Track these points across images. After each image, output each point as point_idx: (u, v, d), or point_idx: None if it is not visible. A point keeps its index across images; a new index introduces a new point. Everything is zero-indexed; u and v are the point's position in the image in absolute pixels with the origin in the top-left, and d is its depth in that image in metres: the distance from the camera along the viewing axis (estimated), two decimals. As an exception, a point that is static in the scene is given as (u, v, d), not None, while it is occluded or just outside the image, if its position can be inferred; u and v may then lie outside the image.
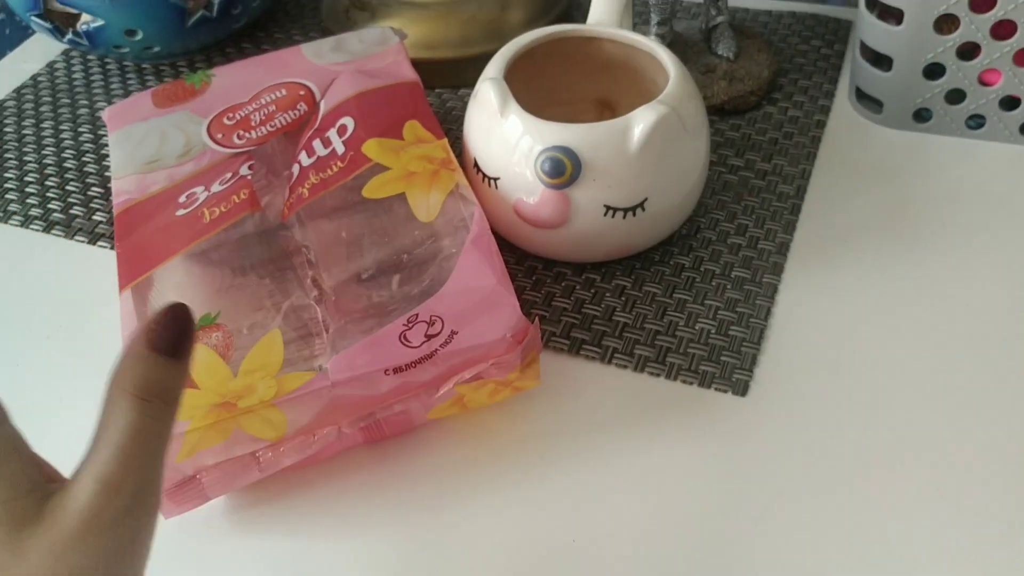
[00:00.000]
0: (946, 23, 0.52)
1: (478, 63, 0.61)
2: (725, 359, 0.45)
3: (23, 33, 0.98)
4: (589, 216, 0.45)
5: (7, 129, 0.63)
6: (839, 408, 0.43)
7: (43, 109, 0.65)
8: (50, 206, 0.57)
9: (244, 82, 0.54)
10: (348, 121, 0.49)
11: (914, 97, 0.55)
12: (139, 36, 0.62)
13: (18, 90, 0.67)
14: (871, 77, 0.56)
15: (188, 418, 0.37)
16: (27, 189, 0.58)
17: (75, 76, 0.68)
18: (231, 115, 0.52)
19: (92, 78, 0.67)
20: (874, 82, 0.57)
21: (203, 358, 0.39)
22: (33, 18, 0.62)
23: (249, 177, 0.47)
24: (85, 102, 0.65)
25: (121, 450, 0.27)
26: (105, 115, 0.54)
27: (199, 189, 0.47)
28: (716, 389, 0.44)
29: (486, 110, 0.46)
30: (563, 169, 0.43)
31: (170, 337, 0.28)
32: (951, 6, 0.51)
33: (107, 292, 0.50)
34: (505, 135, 0.45)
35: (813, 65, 0.62)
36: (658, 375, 0.45)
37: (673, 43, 0.60)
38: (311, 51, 0.56)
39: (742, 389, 0.44)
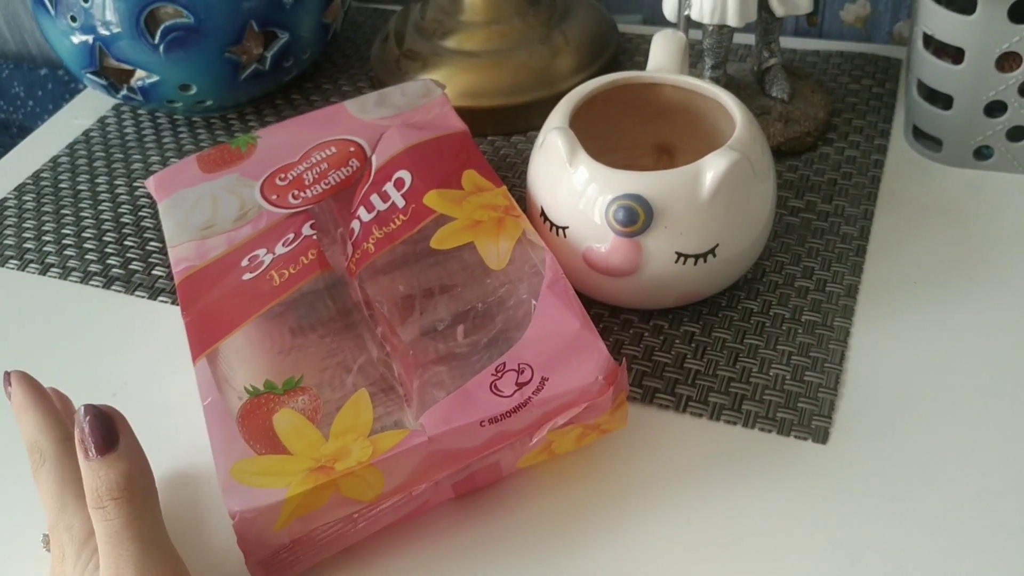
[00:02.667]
0: (1008, 61, 0.52)
1: (530, 110, 0.62)
2: (802, 405, 0.44)
3: (65, 87, 0.99)
4: (660, 263, 0.44)
5: (62, 185, 0.64)
6: (925, 454, 0.42)
7: (97, 164, 0.65)
8: (109, 262, 0.57)
9: (291, 142, 0.54)
10: (404, 174, 0.49)
11: (975, 135, 0.55)
12: (193, 91, 0.62)
13: (71, 146, 0.67)
14: (929, 115, 0.56)
15: (285, 485, 0.36)
16: (85, 245, 0.58)
17: (127, 131, 0.68)
18: (283, 175, 0.52)
19: (144, 132, 0.68)
20: (933, 120, 0.56)
21: (292, 423, 0.39)
22: (88, 75, 0.63)
23: (314, 237, 0.47)
24: (139, 156, 0.65)
25: (104, 555, 0.33)
26: (149, 184, 0.54)
27: (261, 252, 0.47)
28: (796, 437, 0.43)
29: (553, 160, 0.46)
30: (636, 217, 0.43)
31: (95, 438, 0.35)
32: (1013, 44, 0.51)
33: (171, 348, 0.50)
34: (574, 184, 0.45)
35: (866, 104, 0.62)
36: (735, 423, 0.44)
37: (726, 86, 0.60)
38: (355, 107, 0.56)
39: (822, 436, 0.43)
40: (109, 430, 0.35)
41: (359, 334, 0.43)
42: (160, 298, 0.54)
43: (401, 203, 0.47)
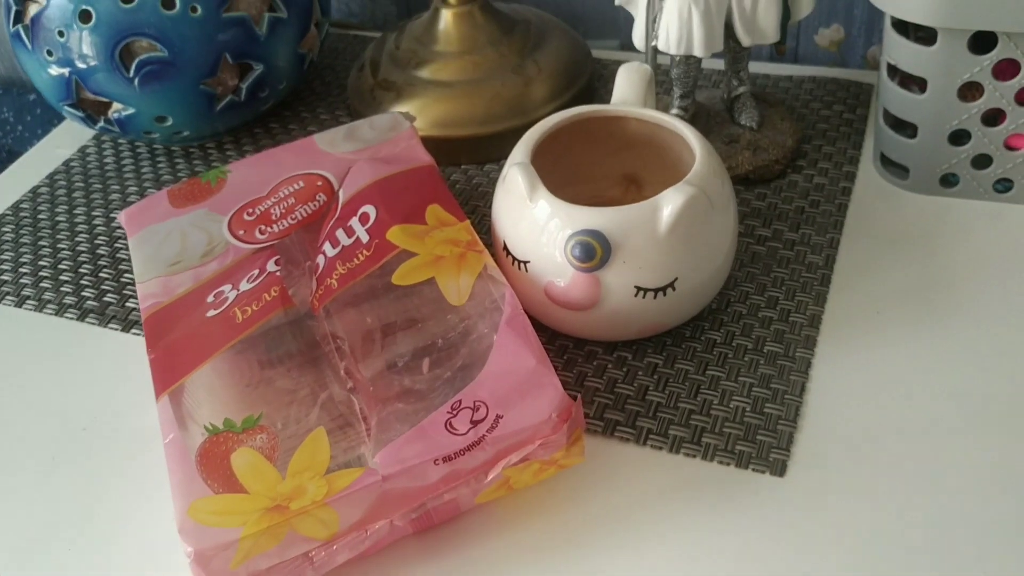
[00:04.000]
0: (970, 91, 0.52)
1: (503, 139, 0.63)
2: (761, 438, 0.45)
3: (53, 113, 1.00)
4: (620, 297, 0.45)
5: (41, 216, 0.64)
6: (882, 487, 0.42)
7: (76, 195, 0.66)
8: (84, 294, 0.57)
9: (260, 176, 0.55)
10: (369, 209, 0.49)
11: (940, 163, 0.55)
12: (169, 122, 0.63)
13: (51, 176, 0.68)
14: (896, 144, 0.57)
15: (240, 524, 0.37)
16: (61, 277, 0.59)
17: (107, 161, 0.69)
18: (251, 210, 0.52)
19: (123, 162, 0.68)
20: (899, 148, 0.57)
21: (250, 461, 0.39)
22: (66, 107, 0.63)
23: (278, 273, 0.47)
24: (117, 187, 0.66)
25: None
26: (122, 218, 0.55)
27: (226, 288, 0.47)
28: (753, 470, 0.43)
29: (515, 195, 0.46)
30: (593, 253, 0.43)
31: None
32: (975, 74, 0.51)
33: (143, 382, 0.50)
34: (534, 219, 0.45)
35: (836, 131, 0.63)
36: (694, 456, 0.44)
37: (696, 114, 0.60)
38: (324, 141, 0.57)
39: (780, 469, 0.43)
40: None
41: (322, 369, 0.44)
42: (133, 330, 0.55)
43: (365, 238, 0.48)
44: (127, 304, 0.56)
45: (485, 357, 0.42)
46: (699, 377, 0.48)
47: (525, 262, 0.46)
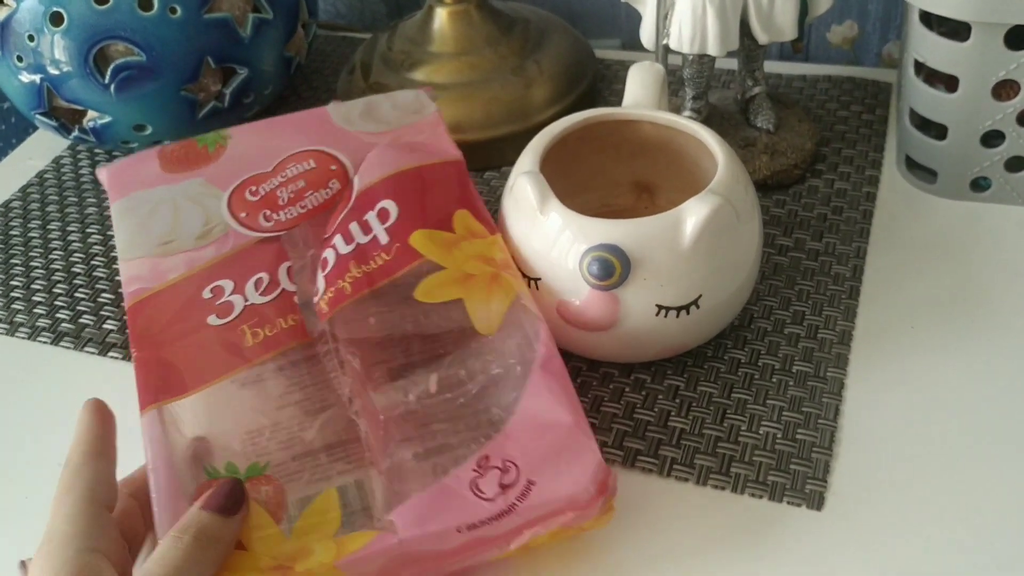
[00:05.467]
0: (1004, 89, 0.49)
1: (503, 144, 0.59)
2: (795, 467, 0.41)
3: (29, 123, 0.96)
4: (640, 317, 0.41)
5: (13, 232, 0.60)
6: (930, 520, 0.39)
7: (50, 209, 0.62)
8: (59, 315, 0.54)
9: (265, 147, 0.48)
10: (390, 205, 0.44)
11: (971, 166, 0.52)
12: (148, 131, 0.59)
13: (24, 189, 0.64)
14: (923, 145, 0.53)
15: None
16: (34, 298, 0.55)
17: (83, 172, 0.65)
18: (254, 188, 0.46)
19: (100, 173, 0.65)
20: (926, 151, 0.53)
21: (251, 516, 0.35)
22: (38, 116, 0.60)
23: (296, 298, 0.42)
24: (93, 200, 0.62)
25: None
26: (104, 176, 0.48)
27: (226, 284, 0.42)
28: (788, 502, 0.40)
29: (524, 207, 0.43)
30: (612, 270, 0.40)
31: (221, 501, 0.34)
32: (1010, 72, 0.48)
33: (123, 410, 0.46)
34: (546, 233, 0.42)
35: (856, 132, 0.59)
36: (723, 488, 0.41)
37: (709, 117, 0.57)
38: (339, 115, 0.50)
39: (817, 502, 0.40)
40: (236, 501, 0.35)
41: (323, 385, 0.39)
42: (111, 353, 0.51)
43: (384, 239, 0.42)
44: (104, 326, 0.52)
45: (514, 402, 0.38)
46: (724, 400, 0.44)
47: (536, 279, 0.43)
